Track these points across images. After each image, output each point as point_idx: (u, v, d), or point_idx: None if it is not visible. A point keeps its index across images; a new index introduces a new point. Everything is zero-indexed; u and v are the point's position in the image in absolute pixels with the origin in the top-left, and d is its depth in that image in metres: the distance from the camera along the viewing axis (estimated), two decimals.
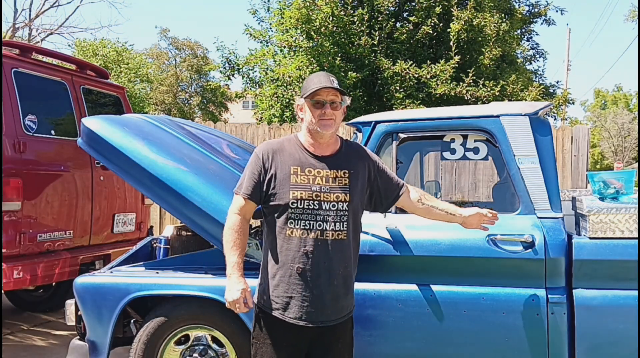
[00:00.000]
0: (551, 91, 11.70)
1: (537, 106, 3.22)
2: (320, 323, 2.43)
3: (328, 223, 2.41)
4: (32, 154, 4.77)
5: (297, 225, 2.41)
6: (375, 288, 3.11)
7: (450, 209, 2.75)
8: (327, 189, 2.43)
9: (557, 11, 12.06)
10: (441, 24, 9.74)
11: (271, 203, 2.46)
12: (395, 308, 3.08)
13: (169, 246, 4.01)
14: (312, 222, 2.40)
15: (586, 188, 6.76)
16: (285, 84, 10.11)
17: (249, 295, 2.43)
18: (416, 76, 9.22)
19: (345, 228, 2.44)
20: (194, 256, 3.54)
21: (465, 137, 3.27)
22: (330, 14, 9.36)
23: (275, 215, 2.45)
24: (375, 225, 3.13)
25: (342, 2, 9.77)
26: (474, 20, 9.32)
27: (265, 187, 2.46)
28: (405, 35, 9.79)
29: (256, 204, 2.51)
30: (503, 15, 10.38)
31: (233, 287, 2.42)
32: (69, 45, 22.30)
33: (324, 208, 2.41)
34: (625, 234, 2.96)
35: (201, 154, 3.63)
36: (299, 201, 2.40)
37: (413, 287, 3.09)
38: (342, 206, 2.43)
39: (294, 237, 2.41)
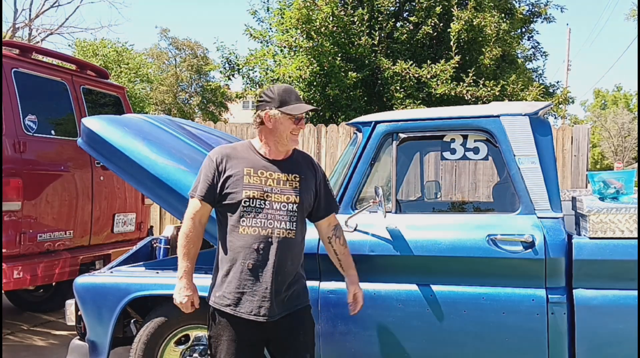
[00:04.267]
0: (551, 91, 11.69)
1: (537, 106, 3.23)
2: (270, 318, 2.54)
3: (278, 222, 2.54)
4: (32, 154, 4.77)
5: (249, 222, 2.52)
6: (375, 288, 3.11)
7: (344, 265, 2.81)
8: (278, 190, 2.57)
9: (557, 9, 12.05)
10: (441, 24, 9.73)
11: (225, 203, 2.57)
12: (395, 308, 3.08)
13: (169, 246, 4.01)
14: (263, 220, 2.53)
15: (586, 188, 6.76)
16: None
17: (195, 298, 2.66)
18: (416, 76, 9.21)
19: (294, 228, 2.57)
20: None
21: (465, 137, 3.26)
22: (330, 14, 9.36)
23: (229, 214, 2.56)
24: (375, 225, 3.13)
25: (342, 2, 9.76)
26: (474, 20, 9.31)
27: (219, 188, 2.56)
28: (405, 35, 9.79)
29: (211, 206, 2.62)
30: (503, 15, 10.37)
31: (182, 292, 2.63)
32: (69, 45, 22.28)
33: (274, 207, 2.54)
34: (625, 234, 2.96)
35: (201, 154, 3.63)
36: (251, 200, 2.52)
37: (413, 287, 3.09)
38: (292, 208, 2.57)
39: (245, 235, 2.52)
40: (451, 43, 9.31)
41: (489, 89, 9.01)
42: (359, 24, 9.59)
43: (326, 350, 3.15)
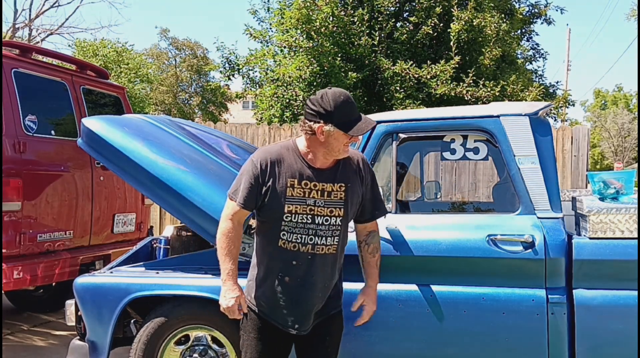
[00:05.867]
0: (551, 91, 11.69)
1: (537, 106, 3.23)
2: (303, 332, 2.51)
3: (320, 238, 2.44)
4: (32, 154, 4.77)
5: (290, 237, 2.44)
6: None
7: (365, 274, 2.71)
8: (322, 203, 2.44)
9: (557, 10, 12.05)
10: (441, 24, 9.73)
11: (266, 213, 2.48)
12: (395, 308, 3.08)
13: (169, 246, 4.01)
14: (304, 236, 2.43)
15: (586, 188, 6.76)
16: (285, 84, 10.10)
17: (243, 302, 2.50)
18: (416, 76, 9.21)
19: (336, 243, 2.48)
20: (194, 256, 3.54)
21: (465, 137, 3.26)
22: (330, 14, 9.35)
23: (269, 224, 2.48)
24: None
25: (342, 2, 9.76)
26: (474, 20, 9.31)
27: (261, 197, 2.45)
28: (405, 35, 9.79)
29: (250, 212, 2.52)
30: (503, 15, 10.37)
31: (227, 294, 2.48)
32: (69, 45, 22.26)
33: (316, 222, 2.44)
34: (625, 234, 2.96)
35: (201, 154, 3.63)
36: (293, 215, 2.42)
37: (413, 287, 3.08)
38: (336, 221, 2.46)
39: (285, 249, 2.45)
40: (451, 43, 9.31)
41: (488, 89, 9.00)
42: (359, 24, 9.59)
43: None
